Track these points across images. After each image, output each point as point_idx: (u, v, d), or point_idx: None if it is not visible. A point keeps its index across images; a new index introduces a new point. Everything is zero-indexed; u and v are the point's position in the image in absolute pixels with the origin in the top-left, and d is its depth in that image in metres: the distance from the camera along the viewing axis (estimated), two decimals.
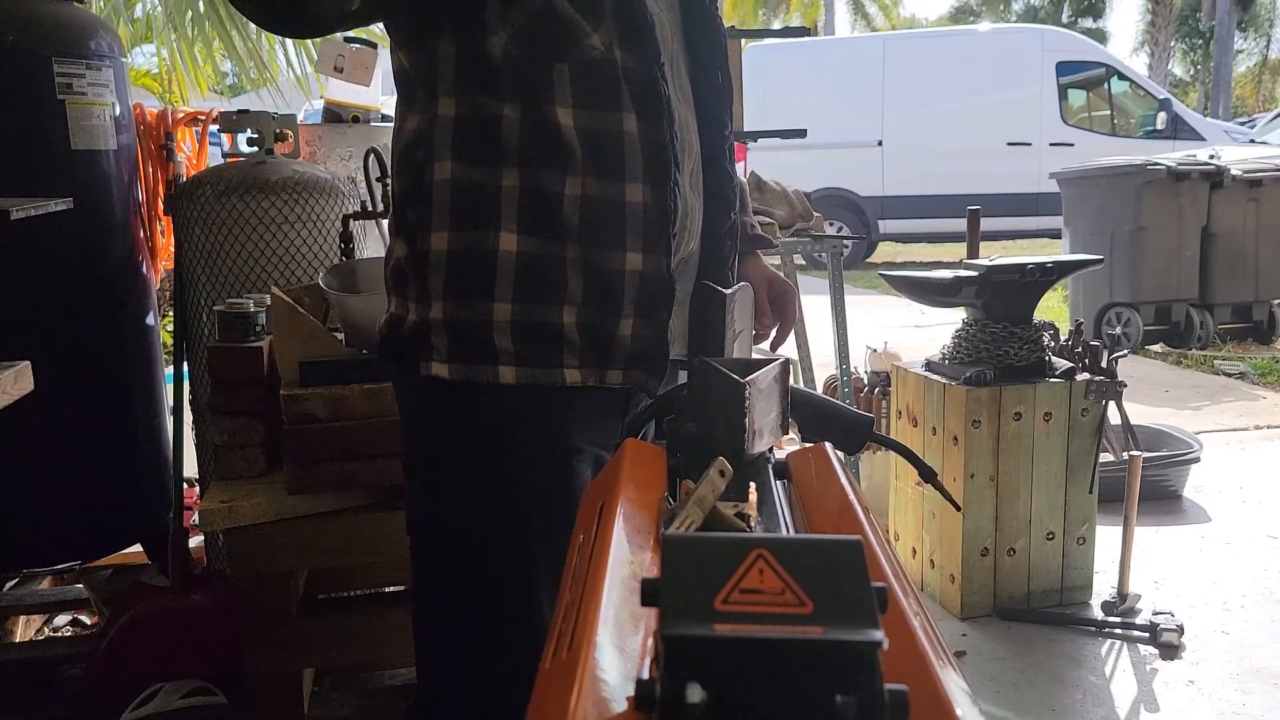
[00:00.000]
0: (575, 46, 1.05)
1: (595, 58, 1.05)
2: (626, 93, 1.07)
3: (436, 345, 1.09)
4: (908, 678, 0.42)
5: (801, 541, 0.47)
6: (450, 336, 1.09)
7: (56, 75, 2.33)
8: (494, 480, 1.11)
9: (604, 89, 1.06)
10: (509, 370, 1.08)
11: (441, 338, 1.09)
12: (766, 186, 3.46)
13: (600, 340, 1.10)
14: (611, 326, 1.10)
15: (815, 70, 10.78)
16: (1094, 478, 2.82)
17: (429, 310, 1.09)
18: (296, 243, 2.49)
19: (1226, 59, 22.65)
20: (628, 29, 1.07)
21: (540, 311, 1.08)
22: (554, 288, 1.07)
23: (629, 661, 0.47)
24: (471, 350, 1.09)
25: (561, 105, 1.05)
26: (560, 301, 1.08)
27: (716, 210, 1.22)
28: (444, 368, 1.09)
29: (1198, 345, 6.15)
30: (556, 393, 1.10)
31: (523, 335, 1.08)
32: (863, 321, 5.60)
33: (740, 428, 0.82)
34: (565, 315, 1.08)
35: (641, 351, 1.12)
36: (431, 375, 1.10)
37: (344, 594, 2.33)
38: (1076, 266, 3.56)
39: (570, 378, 1.10)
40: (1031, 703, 2.38)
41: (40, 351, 1.76)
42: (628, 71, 1.07)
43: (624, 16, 1.06)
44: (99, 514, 2.53)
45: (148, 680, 2.11)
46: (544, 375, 1.09)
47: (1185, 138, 10.22)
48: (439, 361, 1.09)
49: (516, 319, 1.07)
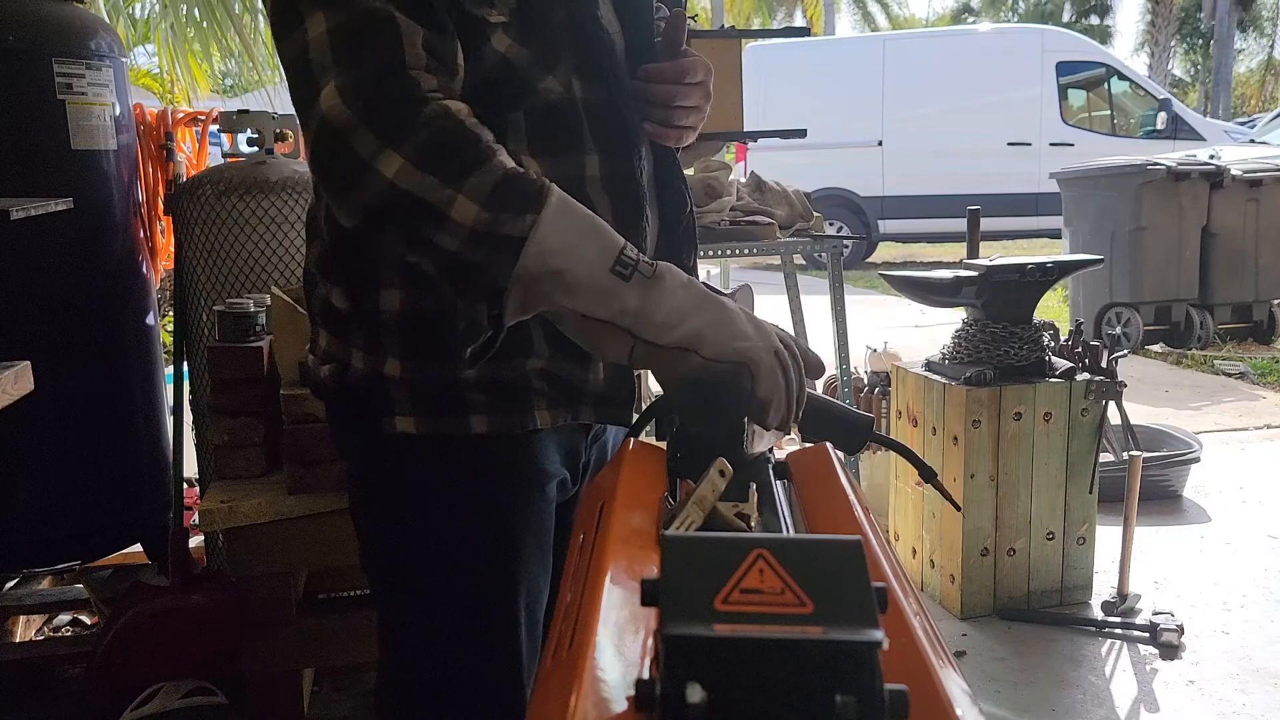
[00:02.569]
0: (530, 93, 1.00)
1: (553, 100, 1.01)
2: (588, 130, 1.03)
3: (397, 399, 1.04)
4: (908, 678, 0.42)
5: (801, 542, 0.47)
6: (413, 392, 1.04)
7: (56, 75, 2.33)
8: (470, 520, 1.08)
9: (563, 131, 1.02)
10: (481, 420, 1.04)
11: (403, 392, 1.04)
12: (766, 186, 3.46)
13: (568, 387, 1.07)
14: (579, 374, 1.07)
15: (815, 70, 10.78)
16: (1094, 478, 2.82)
17: (383, 364, 1.04)
18: (297, 242, 2.49)
19: (1227, 59, 22.66)
20: (585, 56, 1.03)
21: (505, 368, 1.03)
22: (518, 345, 1.02)
23: (629, 661, 0.47)
24: (439, 405, 1.04)
25: (520, 154, 1.00)
26: (526, 355, 1.04)
27: (670, 211, 1.16)
28: (409, 422, 1.04)
29: (1198, 345, 6.15)
30: (529, 433, 1.07)
31: (490, 389, 1.04)
32: (863, 321, 5.60)
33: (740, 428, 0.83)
34: (530, 366, 1.05)
35: (612, 393, 1.10)
36: (396, 432, 1.05)
37: (344, 594, 2.32)
38: (1076, 266, 3.56)
39: (540, 420, 1.07)
40: (1031, 703, 2.38)
41: (40, 351, 1.76)
42: (589, 106, 1.03)
43: (581, 44, 1.02)
44: (99, 514, 2.53)
45: (148, 680, 2.11)
46: (517, 422, 1.06)
47: (1185, 138, 10.22)
48: (403, 415, 1.04)
49: (481, 376, 1.03)
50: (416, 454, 1.06)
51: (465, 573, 1.08)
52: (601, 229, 0.89)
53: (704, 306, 0.88)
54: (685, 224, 1.17)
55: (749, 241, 3.20)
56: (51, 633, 2.73)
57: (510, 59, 0.99)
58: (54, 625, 2.77)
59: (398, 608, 1.14)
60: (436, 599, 1.10)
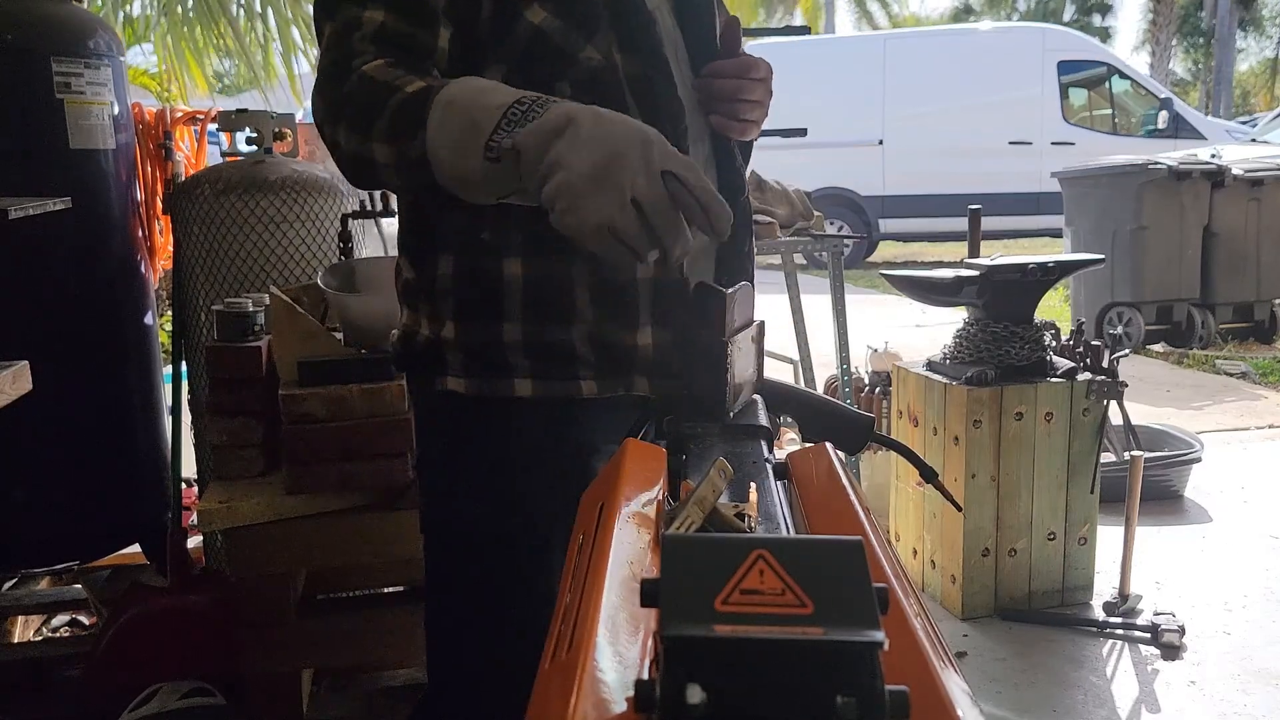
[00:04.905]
0: (572, 62, 1.04)
1: (594, 67, 1.04)
2: (630, 98, 1.06)
3: (451, 361, 1.11)
4: (909, 678, 0.42)
5: (802, 542, 0.46)
6: (465, 354, 1.11)
7: (55, 74, 2.32)
8: (509, 486, 1.12)
9: (607, 98, 1.04)
10: (525, 383, 1.10)
11: (456, 354, 1.11)
12: (767, 186, 3.46)
13: (616, 354, 1.10)
14: (628, 339, 1.09)
15: (816, 69, 10.77)
16: (1095, 478, 2.81)
17: (441, 329, 1.12)
18: (295, 242, 2.49)
19: (1228, 58, 22.68)
20: (626, 31, 1.06)
21: (549, 331, 1.08)
22: (561, 307, 1.08)
23: (628, 662, 0.46)
24: (486, 367, 1.10)
25: None
26: (570, 320, 1.08)
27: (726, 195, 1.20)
28: (460, 383, 1.11)
29: (1199, 345, 6.15)
30: (576, 401, 1.10)
31: (535, 353, 1.09)
32: (863, 321, 5.60)
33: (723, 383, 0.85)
34: (576, 333, 1.08)
35: (666, 362, 1.11)
36: (448, 390, 1.11)
37: (343, 594, 2.32)
38: (1078, 266, 3.55)
39: (587, 389, 1.10)
40: (1032, 703, 2.37)
41: (38, 351, 1.76)
42: (630, 76, 1.06)
43: (621, 19, 1.05)
44: (97, 514, 2.53)
45: (146, 681, 2.10)
46: (560, 388, 1.10)
47: (1186, 137, 10.21)
48: (455, 376, 1.11)
49: (528, 339, 1.08)
50: (465, 413, 1.12)
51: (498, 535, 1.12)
52: (475, 118, 0.88)
53: (563, 141, 0.84)
54: (742, 206, 1.21)
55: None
56: (50, 633, 2.73)
57: (546, 30, 1.03)
58: (52, 626, 2.76)
59: (430, 561, 1.20)
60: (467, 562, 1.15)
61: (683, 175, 0.83)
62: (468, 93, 0.90)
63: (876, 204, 10.88)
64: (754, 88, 1.16)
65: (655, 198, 0.82)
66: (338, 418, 1.91)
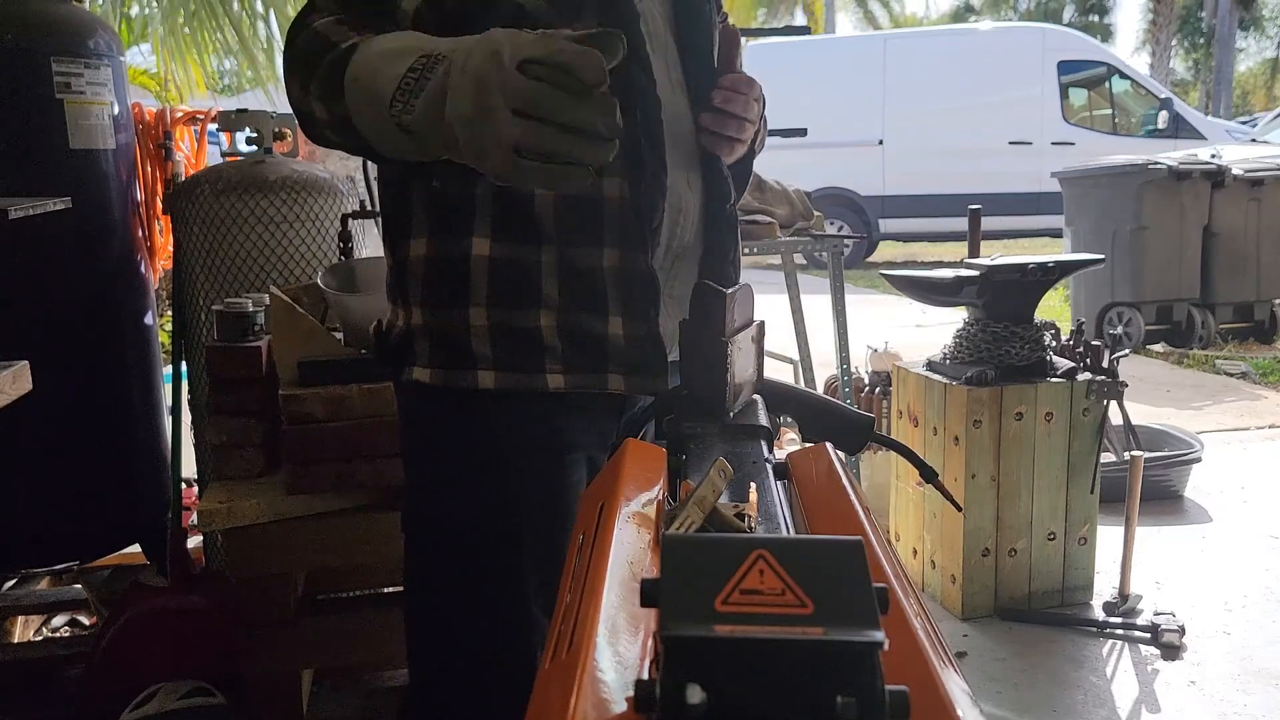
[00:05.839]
0: None
1: None
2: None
3: (419, 351, 1.11)
4: (909, 678, 0.42)
5: (802, 542, 0.46)
6: (430, 342, 1.10)
7: (55, 74, 2.32)
8: (478, 481, 1.11)
9: None
10: (487, 375, 1.08)
11: (423, 343, 1.11)
12: (767, 186, 3.46)
13: (585, 343, 1.08)
14: (598, 328, 1.08)
15: (816, 69, 10.77)
16: (1095, 478, 2.81)
17: (412, 316, 1.11)
18: (295, 242, 2.49)
19: (1228, 58, 22.67)
20: (609, 20, 1.05)
21: (515, 317, 1.07)
22: (527, 292, 1.07)
23: (628, 662, 0.46)
24: (450, 356, 1.09)
25: None
26: (535, 305, 1.07)
27: (712, 201, 1.20)
28: (425, 372, 1.10)
29: (1199, 345, 6.15)
30: (544, 396, 1.09)
31: (499, 340, 1.07)
32: (863, 321, 5.60)
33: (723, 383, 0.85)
34: (542, 319, 1.07)
35: (639, 355, 1.10)
36: (414, 380, 1.11)
37: (343, 594, 2.32)
38: (1078, 266, 3.55)
39: (554, 383, 1.08)
40: (1032, 703, 2.37)
41: (38, 351, 1.76)
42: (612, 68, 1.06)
43: (605, 9, 1.05)
44: (97, 514, 2.53)
45: (146, 681, 2.10)
46: (525, 380, 1.08)
47: (1187, 137, 10.21)
48: (421, 366, 1.11)
49: (493, 324, 1.07)
50: (434, 405, 1.12)
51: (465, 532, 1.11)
52: (379, 91, 0.88)
53: (448, 102, 0.84)
54: (728, 215, 1.21)
55: (749, 241, 3.20)
56: (50, 633, 2.73)
57: (528, 9, 1.02)
58: (52, 626, 2.76)
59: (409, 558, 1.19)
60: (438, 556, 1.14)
61: (539, 55, 0.80)
62: (371, 61, 0.90)
63: (876, 204, 10.88)
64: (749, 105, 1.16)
65: (525, 91, 0.79)
66: (338, 418, 1.91)
